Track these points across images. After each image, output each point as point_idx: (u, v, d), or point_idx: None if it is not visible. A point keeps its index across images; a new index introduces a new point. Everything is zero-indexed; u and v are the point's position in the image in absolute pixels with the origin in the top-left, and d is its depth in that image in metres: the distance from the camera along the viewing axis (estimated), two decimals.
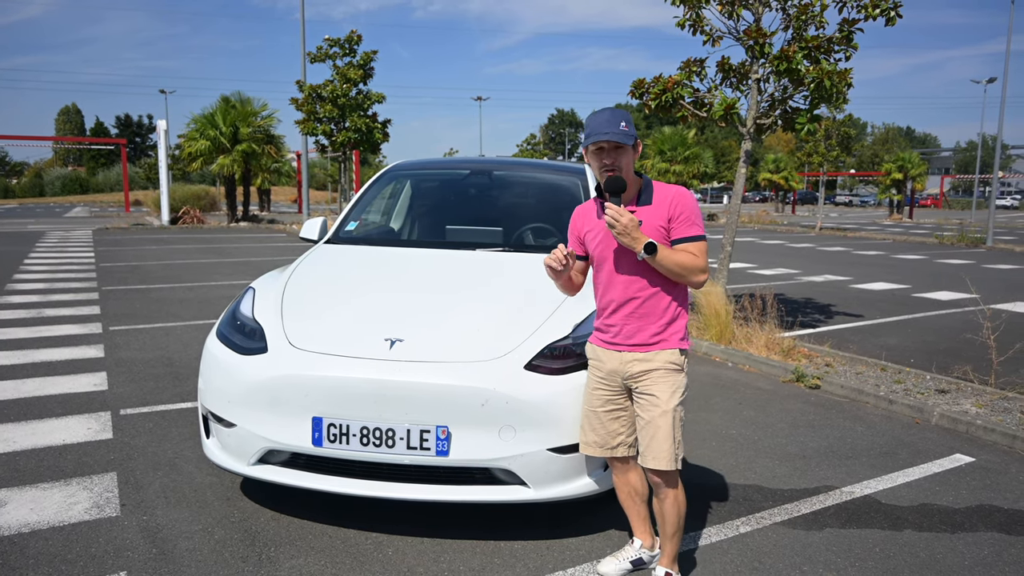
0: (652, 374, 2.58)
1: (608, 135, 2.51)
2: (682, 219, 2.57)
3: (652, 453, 2.56)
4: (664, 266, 2.50)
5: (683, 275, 2.53)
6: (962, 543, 3.17)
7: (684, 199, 2.60)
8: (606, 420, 2.69)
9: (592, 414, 2.71)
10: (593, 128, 2.56)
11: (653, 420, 2.56)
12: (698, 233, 2.58)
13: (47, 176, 63.16)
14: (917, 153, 42.05)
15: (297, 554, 2.91)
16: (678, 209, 2.58)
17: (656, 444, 2.55)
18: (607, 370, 2.66)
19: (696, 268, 2.53)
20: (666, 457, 2.54)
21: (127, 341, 6.65)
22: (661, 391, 2.57)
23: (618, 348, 2.63)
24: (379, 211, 5.08)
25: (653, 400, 2.57)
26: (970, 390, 5.41)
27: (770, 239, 23.08)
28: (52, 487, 3.49)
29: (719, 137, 69.70)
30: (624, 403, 2.69)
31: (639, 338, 2.60)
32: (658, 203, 2.60)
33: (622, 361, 2.62)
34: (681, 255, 2.53)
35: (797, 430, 4.64)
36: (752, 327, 6.79)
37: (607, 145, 2.54)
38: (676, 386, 2.59)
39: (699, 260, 2.54)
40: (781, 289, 11.13)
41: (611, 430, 2.69)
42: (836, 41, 6.95)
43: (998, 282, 12.81)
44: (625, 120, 2.56)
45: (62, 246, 15.99)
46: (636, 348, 2.60)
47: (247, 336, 3.14)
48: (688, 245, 2.56)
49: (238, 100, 25.22)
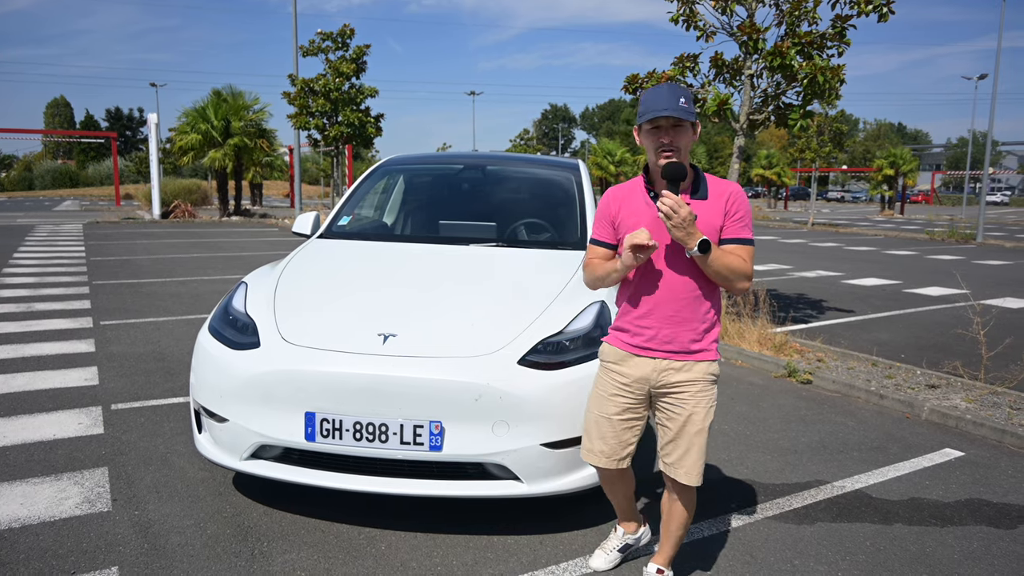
0: (690, 387, 2.42)
1: (667, 110, 2.28)
2: (737, 218, 2.39)
3: (685, 468, 2.44)
4: (714, 267, 2.30)
5: (729, 279, 2.34)
6: (952, 537, 3.20)
7: (742, 198, 2.42)
8: (620, 429, 2.51)
9: (606, 421, 2.51)
10: (650, 104, 2.33)
11: (689, 437, 2.43)
12: (749, 236, 2.41)
13: (36, 169, 62.64)
14: (908, 149, 42.20)
15: (290, 548, 2.91)
16: (735, 207, 2.39)
17: (689, 460, 2.43)
18: (634, 377, 2.46)
19: (743, 273, 2.34)
20: (697, 474, 2.45)
21: (118, 335, 6.61)
22: (699, 408, 2.42)
23: (652, 354, 2.44)
24: (372, 206, 5.06)
25: (691, 418, 2.42)
26: (960, 385, 5.45)
27: (763, 235, 23.15)
28: (43, 482, 3.47)
29: (712, 133, 69.81)
30: (643, 412, 2.53)
31: (676, 344, 2.41)
32: (714, 198, 2.40)
33: (656, 369, 2.43)
34: (731, 258, 2.33)
35: (789, 425, 4.66)
36: (745, 322, 6.81)
37: (665, 123, 2.32)
38: (712, 402, 2.47)
39: (746, 266, 2.36)
40: (773, 284, 11.17)
41: (623, 440, 2.52)
42: (829, 37, 6.96)
43: (988, 278, 12.89)
44: (685, 96, 2.32)
45: (52, 240, 15.88)
46: (673, 356, 2.42)
47: (239, 331, 3.13)
48: (738, 248, 2.37)
49: (230, 94, 25.05)
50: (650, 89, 2.39)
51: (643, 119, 2.35)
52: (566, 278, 3.46)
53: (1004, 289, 11.37)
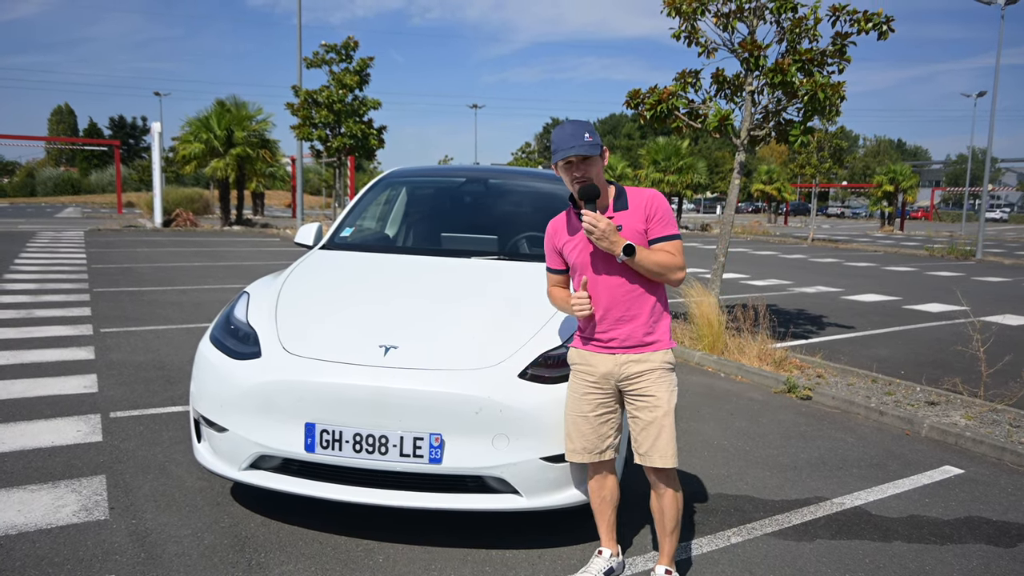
0: (650, 375, 2.63)
1: (574, 149, 2.57)
2: (657, 219, 2.66)
3: (659, 452, 2.62)
4: (644, 266, 2.57)
5: (663, 274, 2.60)
6: (951, 555, 3.19)
7: (658, 200, 2.69)
8: (597, 425, 2.71)
9: (582, 420, 2.72)
10: (558, 143, 2.62)
11: (656, 420, 2.62)
12: (674, 232, 2.67)
13: (39, 176, 62.82)
14: (908, 166, 42.37)
15: (287, 560, 2.90)
16: (653, 210, 2.66)
17: (662, 443, 2.61)
18: (600, 374, 2.68)
19: (674, 266, 2.61)
20: (671, 455, 2.62)
21: (118, 343, 6.61)
22: (661, 392, 2.63)
23: (612, 351, 2.66)
24: (374, 217, 5.08)
25: (654, 401, 2.62)
26: (959, 402, 5.45)
27: (763, 250, 23.18)
28: (40, 489, 3.46)
29: (713, 148, 70.06)
30: (614, 406, 2.73)
31: (632, 340, 2.64)
32: (634, 207, 2.68)
33: (616, 363, 2.65)
34: (659, 254, 2.60)
35: (788, 441, 4.65)
36: (744, 338, 6.81)
37: (575, 159, 2.60)
38: (673, 385, 2.68)
39: (676, 258, 2.62)
40: (773, 300, 11.18)
41: (601, 434, 2.71)
42: (829, 54, 7.01)
43: (987, 294, 12.91)
44: (588, 131, 2.62)
45: (53, 247, 15.90)
46: (630, 350, 2.65)
47: (241, 341, 3.13)
48: (665, 244, 2.64)
49: (233, 104, 25.20)
50: (556, 129, 2.67)
51: (555, 159, 2.64)
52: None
53: (1004, 306, 11.38)
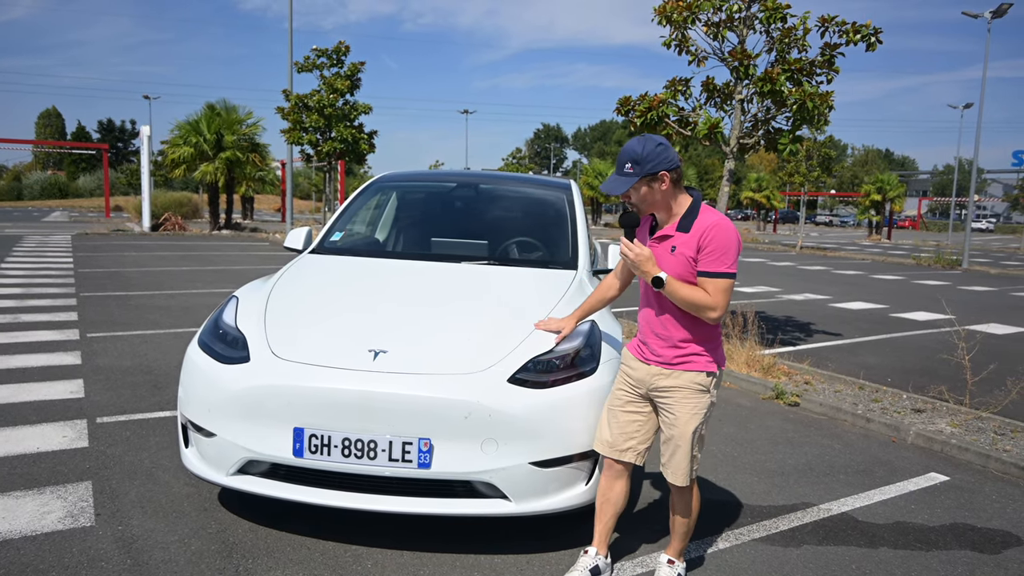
0: (675, 393, 2.66)
1: (608, 186, 2.63)
2: (708, 251, 2.53)
3: (671, 468, 2.71)
4: (675, 298, 2.56)
5: (693, 309, 2.56)
6: (936, 561, 3.21)
7: (716, 231, 2.54)
8: (623, 420, 2.77)
9: (611, 412, 2.81)
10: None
11: (673, 439, 2.68)
12: (720, 270, 2.52)
13: (26, 180, 62.24)
14: (896, 175, 42.75)
15: (275, 566, 2.88)
16: (707, 241, 2.54)
17: (675, 461, 2.69)
18: (636, 377, 2.76)
19: (705, 306, 2.52)
20: (682, 474, 2.69)
21: (105, 348, 6.57)
22: (681, 412, 2.66)
23: (647, 360, 2.73)
24: (364, 222, 5.08)
25: (672, 420, 2.68)
26: (945, 410, 5.49)
27: (752, 257, 23.31)
28: (25, 496, 3.43)
29: (703, 155, 70.48)
30: (642, 408, 2.77)
31: (663, 356, 2.69)
32: (694, 231, 2.58)
33: (649, 373, 2.72)
34: (692, 291, 2.53)
35: (776, 447, 4.68)
36: (733, 344, 6.84)
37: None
38: (697, 408, 2.66)
39: (711, 298, 2.52)
40: (762, 307, 11.24)
41: (625, 432, 2.76)
42: (818, 64, 7.09)
43: (973, 303, 13.03)
44: (632, 160, 2.55)
45: (40, 251, 15.77)
46: (661, 364, 2.69)
47: (229, 345, 3.12)
48: (706, 281, 2.54)
49: (223, 107, 25.10)
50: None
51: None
52: (557, 297, 3.48)
53: (989, 315, 11.49)
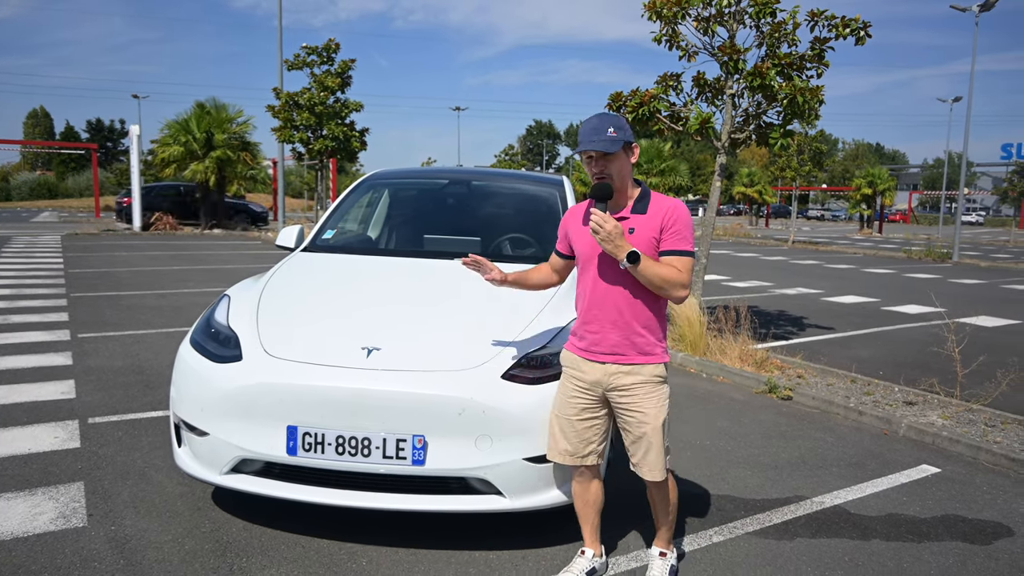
0: (638, 389, 2.61)
1: (593, 144, 2.52)
2: (673, 231, 2.56)
3: (648, 466, 2.64)
4: (646, 277, 2.49)
5: (664, 288, 2.52)
6: (928, 552, 3.24)
7: (679, 212, 2.59)
8: (580, 428, 2.69)
9: (566, 422, 2.70)
10: (582, 136, 2.57)
11: (645, 436, 2.61)
12: (686, 248, 2.57)
13: (14, 180, 61.69)
14: (886, 169, 42.95)
15: (269, 564, 2.88)
16: (671, 221, 2.57)
17: (650, 458, 2.63)
18: (589, 380, 2.66)
19: (678, 282, 2.52)
20: (660, 468, 2.65)
21: (96, 348, 6.53)
22: (650, 407, 2.61)
23: (600, 359, 2.63)
24: (357, 220, 5.06)
25: (642, 417, 2.61)
26: (936, 402, 5.53)
27: (744, 252, 23.39)
28: (16, 497, 3.41)
29: (695, 150, 70.61)
30: (600, 412, 2.70)
31: (621, 349, 2.60)
32: (653, 213, 2.60)
33: (606, 372, 2.63)
34: (665, 268, 2.51)
35: (769, 440, 4.70)
36: (726, 339, 6.87)
37: (595, 154, 2.55)
38: (663, 400, 2.65)
39: (682, 275, 2.53)
40: (755, 301, 11.28)
41: (584, 438, 2.70)
42: (808, 58, 7.10)
43: (963, 296, 13.11)
44: (614, 126, 2.54)
45: (29, 252, 15.66)
46: (619, 359, 2.61)
47: (221, 344, 3.11)
48: (674, 259, 2.55)
49: (213, 106, 24.97)
50: (585, 121, 2.60)
51: (576, 150, 2.59)
52: (550, 293, 3.48)
53: (979, 307, 11.56)
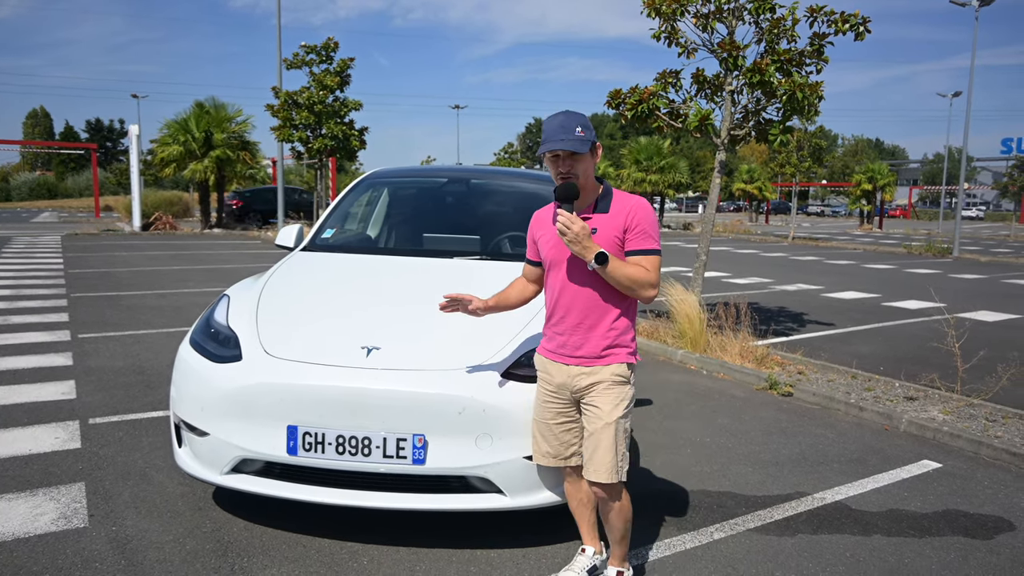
0: (597, 387, 2.54)
1: (562, 143, 2.44)
2: (638, 231, 2.50)
3: (593, 465, 2.51)
4: (614, 278, 2.43)
5: (633, 288, 2.46)
6: (929, 548, 3.24)
7: (642, 210, 2.53)
8: (559, 432, 2.65)
9: (544, 426, 2.67)
10: (547, 135, 2.48)
11: (596, 432, 2.51)
12: (653, 247, 2.51)
13: (14, 181, 61.70)
14: (886, 164, 42.91)
15: (270, 564, 2.88)
16: (635, 220, 2.51)
17: (598, 456, 2.50)
18: (556, 383, 2.61)
19: (647, 282, 2.46)
20: (607, 469, 2.49)
21: (96, 349, 6.53)
22: (604, 403, 2.52)
23: (565, 361, 2.58)
24: (356, 219, 5.06)
25: (596, 412, 2.52)
26: (937, 397, 5.53)
27: (744, 248, 23.38)
28: (17, 498, 3.41)
29: (694, 147, 70.52)
30: (574, 414, 2.65)
31: (586, 350, 2.54)
32: (615, 212, 2.53)
33: (570, 375, 2.57)
34: (633, 268, 2.45)
35: (770, 437, 4.70)
36: (726, 335, 6.87)
37: (562, 152, 2.47)
38: (620, 398, 2.53)
39: (651, 275, 2.47)
40: (755, 298, 11.27)
41: (564, 441, 2.65)
42: (807, 54, 7.09)
43: (964, 291, 13.11)
44: (581, 125, 2.46)
45: (29, 252, 15.66)
46: (583, 361, 2.55)
47: (221, 344, 3.11)
48: (641, 258, 2.49)
49: (212, 105, 24.93)
50: (548, 119, 2.50)
51: (542, 149, 2.48)
52: None
53: (979, 302, 11.56)
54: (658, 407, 5.28)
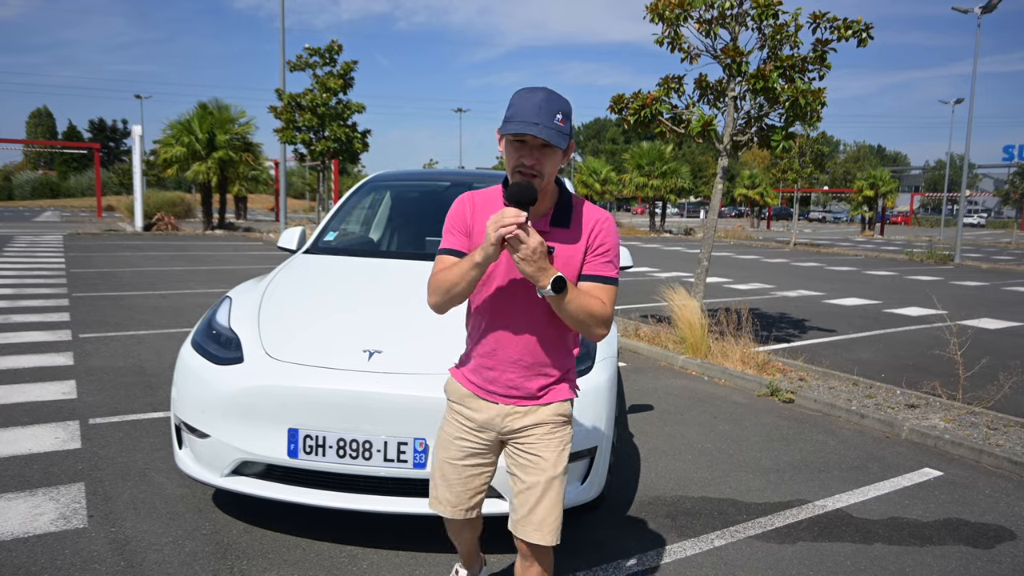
0: (536, 430, 2.09)
1: (539, 129, 1.84)
2: (599, 252, 2.01)
3: (535, 524, 2.04)
4: (567, 310, 1.89)
5: (585, 324, 1.93)
6: (930, 556, 3.23)
7: (609, 230, 2.04)
8: (466, 476, 2.16)
9: (450, 467, 2.16)
10: (518, 112, 1.87)
11: (537, 485, 2.05)
12: (613, 275, 2.02)
13: (16, 180, 61.87)
14: (888, 171, 42.92)
15: (270, 567, 2.87)
16: (599, 240, 2.02)
17: (539, 514, 2.04)
18: (480, 420, 2.12)
19: (602, 319, 1.95)
20: (551, 530, 2.05)
21: (97, 349, 6.53)
22: (547, 452, 2.07)
23: (495, 399, 2.09)
24: (358, 221, 5.06)
25: (538, 462, 2.07)
26: (938, 405, 5.52)
27: (746, 254, 23.37)
28: (17, 497, 3.40)
29: (696, 153, 70.59)
30: (492, 458, 2.19)
31: (523, 390, 2.07)
32: (576, 226, 2.02)
33: (500, 413, 2.10)
34: (590, 300, 1.93)
35: (771, 444, 4.69)
36: (728, 341, 6.86)
37: (532, 140, 1.88)
38: (563, 443, 2.11)
39: (606, 309, 1.96)
40: (756, 304, 11.26)
41: (470, 487, 2.18)
42: (810, 61, 7.09)
43: (965, 299, 13.09)
44: (563, 112, 1.89)
45: (31, 251, 15.68)
46: (518, 402, 2.08)
47: (223, 346, 3.11)
48: (597, 287, 1.98)
49: (215, 107, 25.01)
50: (522, 93, 1.91)
51: (506, 129, 1.89)
52: None
53: (980, 310, 11.54)
54: (659, 413, 5.27)
